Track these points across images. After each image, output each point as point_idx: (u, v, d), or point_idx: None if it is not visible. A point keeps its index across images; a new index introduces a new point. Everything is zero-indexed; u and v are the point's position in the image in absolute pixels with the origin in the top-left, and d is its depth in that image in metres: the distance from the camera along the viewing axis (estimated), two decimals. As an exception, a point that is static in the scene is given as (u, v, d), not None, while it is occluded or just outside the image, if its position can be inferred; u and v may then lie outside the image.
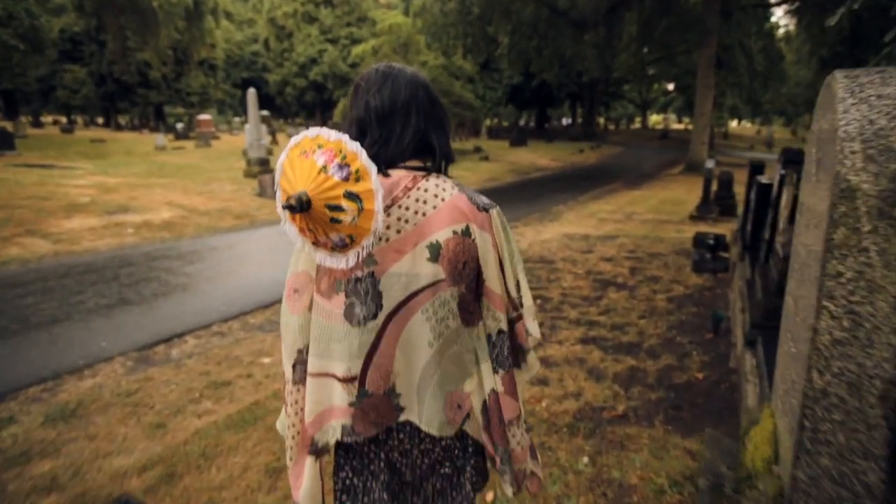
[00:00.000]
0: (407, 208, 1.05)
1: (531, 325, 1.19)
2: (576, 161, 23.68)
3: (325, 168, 0.91)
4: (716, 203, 9.53)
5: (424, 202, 1.06)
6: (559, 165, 21.88)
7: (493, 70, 36.01)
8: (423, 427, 1.10)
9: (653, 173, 18.80)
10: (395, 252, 1.05)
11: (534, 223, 9.26)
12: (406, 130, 1.07)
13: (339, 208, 0.92)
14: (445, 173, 1.15)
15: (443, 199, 1.06)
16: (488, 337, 1.13)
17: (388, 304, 1.05)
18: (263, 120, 17.83)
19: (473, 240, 1.07)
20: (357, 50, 25.80)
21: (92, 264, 6.13)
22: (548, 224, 9.15)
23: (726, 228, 8.39)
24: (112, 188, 10.18)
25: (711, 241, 6.01)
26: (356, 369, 1.07)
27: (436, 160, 1.12)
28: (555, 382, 3.28)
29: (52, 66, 39.44)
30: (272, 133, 23.98)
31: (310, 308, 1.11)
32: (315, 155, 0.92)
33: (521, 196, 13.20)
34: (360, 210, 0.93)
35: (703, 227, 8.40)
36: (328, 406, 1.12)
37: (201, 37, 27.91)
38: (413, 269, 1.05)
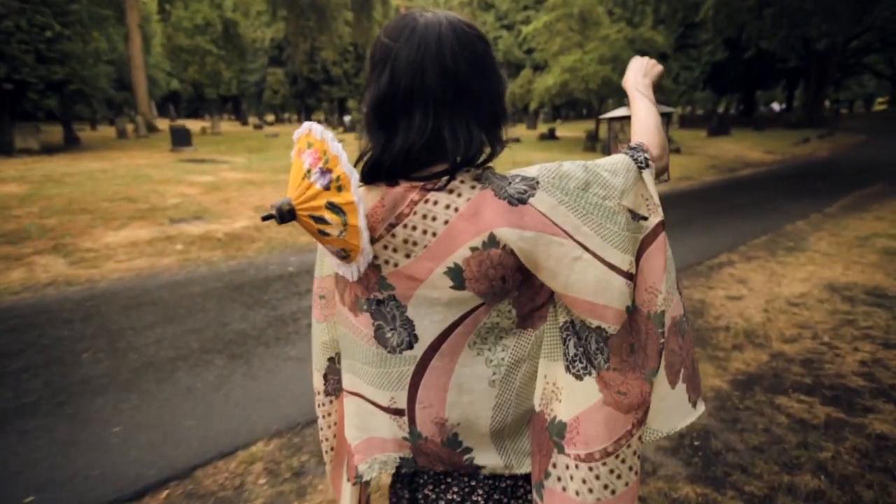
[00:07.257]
0: (414, 227, 0.80)
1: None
2: (799, 154, 18.45)
3: (308, 172, 0.76)
4: None
5: (434, 218, 0.79)
6: (777, 160, 16.98)
7: (689, 46, 30.68)
8: (516, 471, 0.90)
9: (932, 171, 13.15)
10: (409, 279, 0.83)
11: (761, 255, 5.82)
12: (409, 131, 0.78)
13: (323, 220, 0.76)
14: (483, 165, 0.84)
15: (456, 209, 0.78)
16: (563, 326, 0.84)
17: (424, 336, 0.84)
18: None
19: (503, 248, 0.77)
20: (528, 29, 23.20)
21: (45, 312, 4.23)
22: (787, 259, 5.64)
23: None
24: (223, 186, 9.14)
25: None
26: (401, 402, 0.88)
27: (455, 165, 0.80)
28: None
29: (264, 72, 44.25)
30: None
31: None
32: (304, 155, 0.78)
33: (729, 204, 9.40)
34: (345, 225, 0.76)
35: None
36: (374, 436, 0.94)
37: (371, 28, 27.91)
38: (441, 298, 0.82)
